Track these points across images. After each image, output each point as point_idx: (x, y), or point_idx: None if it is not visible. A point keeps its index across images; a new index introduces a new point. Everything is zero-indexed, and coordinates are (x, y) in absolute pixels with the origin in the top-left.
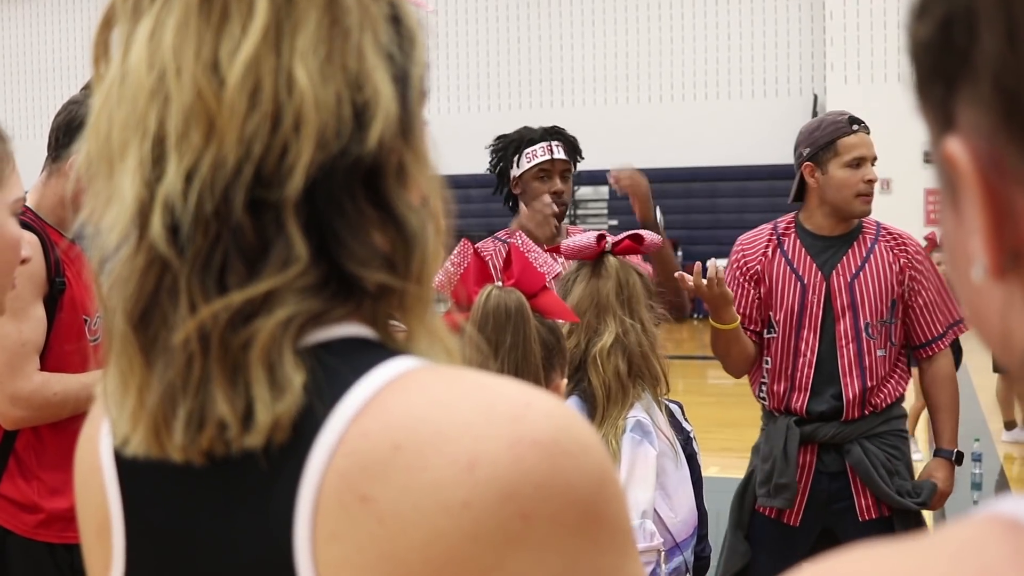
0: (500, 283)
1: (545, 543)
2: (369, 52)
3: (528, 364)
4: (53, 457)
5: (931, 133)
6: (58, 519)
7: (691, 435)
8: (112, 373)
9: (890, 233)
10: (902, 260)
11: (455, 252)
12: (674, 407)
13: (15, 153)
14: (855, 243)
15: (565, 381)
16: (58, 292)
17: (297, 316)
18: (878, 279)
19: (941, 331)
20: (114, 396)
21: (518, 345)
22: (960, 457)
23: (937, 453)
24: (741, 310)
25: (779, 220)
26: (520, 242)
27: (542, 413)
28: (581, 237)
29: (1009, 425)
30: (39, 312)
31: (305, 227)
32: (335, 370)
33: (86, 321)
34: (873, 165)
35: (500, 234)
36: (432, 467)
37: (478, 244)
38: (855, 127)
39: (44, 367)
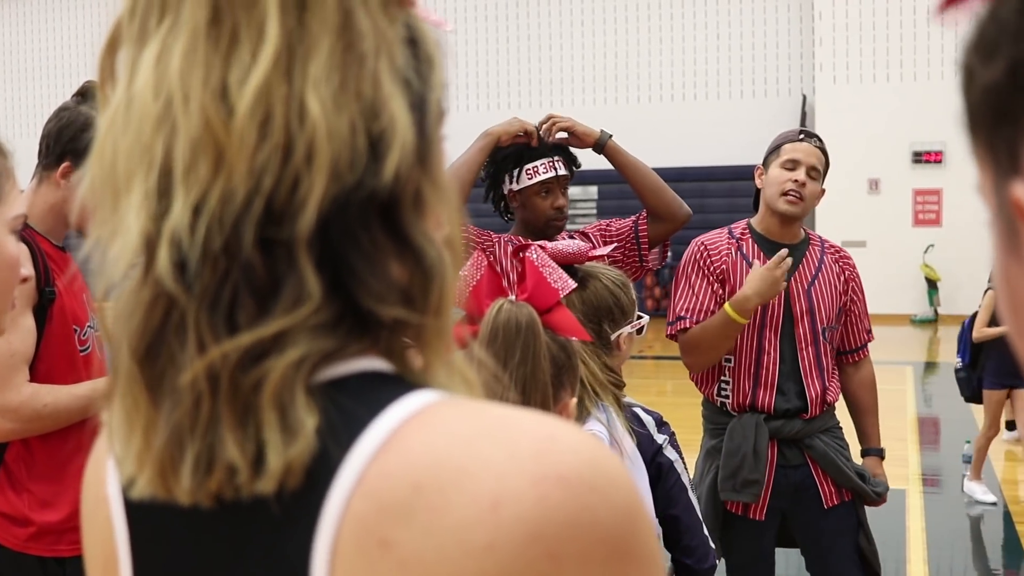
0: (513, 297)
1: None
2: (385, 78)
3: (536, 381)
4: (43, 469)
5: (988, 177)
6: (49, 532)
7: (663, 446)
8: (117, 411)
9: (833, 247)
10: (847, 272)
11: (468, 263)
12: (648, 418)
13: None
14: (807, 253)
15: (575, 400)
16: (48, 302)
17: (310, 356)
18: (829, 287)
19: (866, 339)
20: (119, 434)
21: (527, 361)
22: (883, 453)
23: (870, 452)
24: (709, 307)
25: (732, 226)
26: (536, 256)
27: (567, 447)
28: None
29: (1010, 425)
30: (28, 322)
31: (318, 262)
32: (350, 411)
33: (75, 331)
34: (813, 177)
35: (505, 236)
36: (454, 507)
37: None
38: (802, 136)
39: (33, 378)
